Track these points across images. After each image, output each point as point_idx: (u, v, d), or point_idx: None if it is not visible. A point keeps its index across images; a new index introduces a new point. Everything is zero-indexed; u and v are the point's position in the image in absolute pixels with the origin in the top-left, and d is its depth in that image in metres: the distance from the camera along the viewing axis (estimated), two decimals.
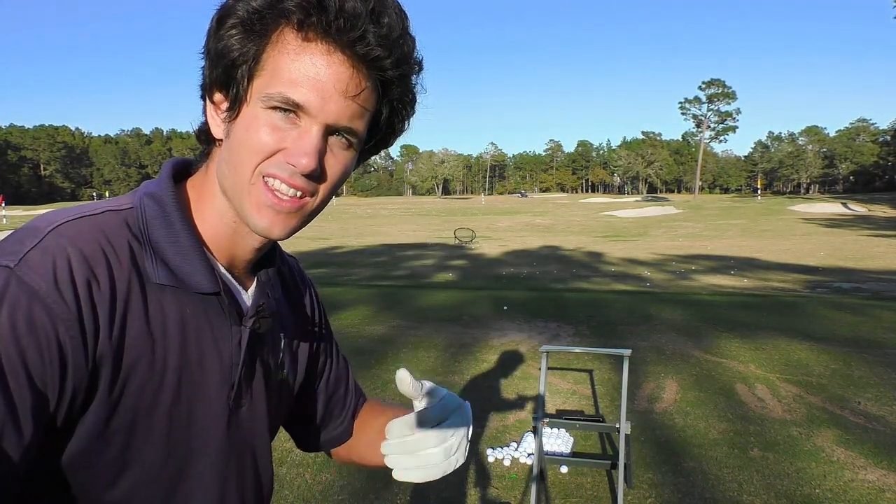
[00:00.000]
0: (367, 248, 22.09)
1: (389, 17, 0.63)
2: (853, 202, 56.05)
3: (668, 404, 4.53)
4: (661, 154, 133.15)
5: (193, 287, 0.68)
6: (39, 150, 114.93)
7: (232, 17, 0.63)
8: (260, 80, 0.63)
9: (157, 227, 0.68)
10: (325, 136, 0.64)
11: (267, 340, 0.79)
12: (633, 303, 8.50)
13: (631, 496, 3.24)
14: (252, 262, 0.77)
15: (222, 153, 0.68)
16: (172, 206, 0.69)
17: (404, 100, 0.70)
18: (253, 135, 0.63)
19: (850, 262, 16.40)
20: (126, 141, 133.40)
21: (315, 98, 0.62)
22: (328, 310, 1.04)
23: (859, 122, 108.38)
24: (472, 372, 5.28)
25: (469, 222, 36.46)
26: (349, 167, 0.69)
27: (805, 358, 5.55)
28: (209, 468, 0.72)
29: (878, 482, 3.35)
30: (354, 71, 0.63)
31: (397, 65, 0.65)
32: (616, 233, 32.02)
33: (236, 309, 0.73)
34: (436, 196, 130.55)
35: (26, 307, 0.56)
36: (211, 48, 0.65)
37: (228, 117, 0.66)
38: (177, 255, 0.67)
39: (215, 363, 0.71)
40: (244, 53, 0.63)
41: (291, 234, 0.68)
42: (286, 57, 0.62)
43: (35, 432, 0.56)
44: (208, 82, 0.67)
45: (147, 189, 0.71)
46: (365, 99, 0.65)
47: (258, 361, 0.76)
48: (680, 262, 16.56)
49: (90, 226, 0.64)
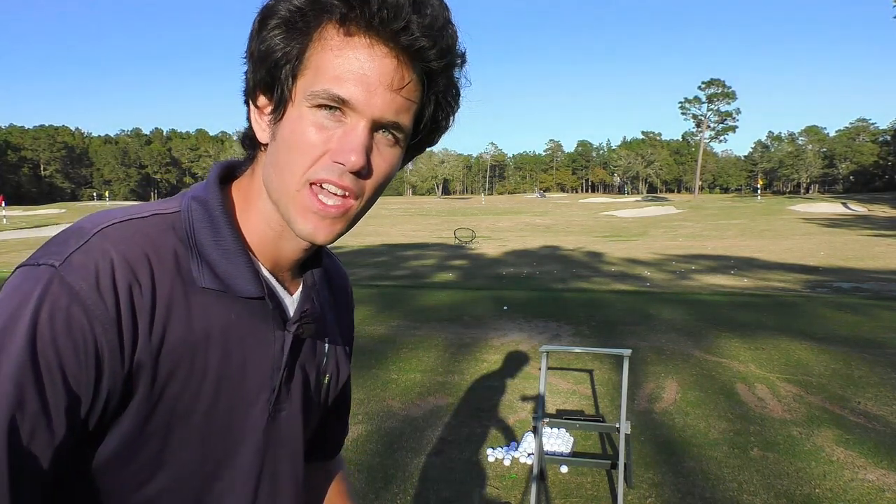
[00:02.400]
0: (368, 248, 22.08)
1: (432, 6, 0.63)
2: (853, 202, 56.02)
3: (668, 404, 4.53)
4: (661, 154, 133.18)
5: (238, 291, 0.68)
6: (39, 150, 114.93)
7: (274, 18, 0.62)
8: (304, 79, 0.63)
9: (203, 232, 0.68)
10: (371, 132, 0.63)
11: (310, 345, 0.78)
12: (633, 303, 8.50)
13: (631, 496, 3.24)
14: (297, 266, 0.77)
15: (268, 156, 0.67)
16: (218, 210, 0.69)
17: (449, 93, 0.69)
18: (299, 135, 0.63)
19: (850, 262, 16.39)
20: (126, 141, 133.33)
21: (360, 92, 0.61)
22: None
23: (859, 122, 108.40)
24: (472, 372, 5.28)
25: (469, 222, 36.46)
26: (396, 165, 0.68)
27: (805, 358, 5.55)
28: (244, 471, 0.72)
29: (877, 482, 3.36)
30: (399, 63, 0.62)
31: (441, 55, 0.64)
32: (616, 233, 32.01)
33: (280, 313, 0.73)
34: (436, 196, 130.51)
35: (66, 308, 0.57)
36: (254, 50, 0.65)
37: (273, 119, 0.66)
38: (222, 259, 0.67)
39: (257, 368, 0.71)
40: (287, 53, 0.62)
41: (336, 239, 0.68)
42: (329, 53, 0.62)
43: (67, 434, 0.57)
44: (252, 86, 0.67)
45: (194, 193, 0.71)
46: (410, 92, 0.64)
47: (300, 367, 0.76)
48: (680, 262, 16.55)
49: (136, 229, 0.64)
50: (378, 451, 3.79)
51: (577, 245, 23.21)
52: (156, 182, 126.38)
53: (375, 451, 3.78)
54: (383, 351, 5.90)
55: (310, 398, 0.80)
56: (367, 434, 4.03)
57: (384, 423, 4.21)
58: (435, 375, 5.21)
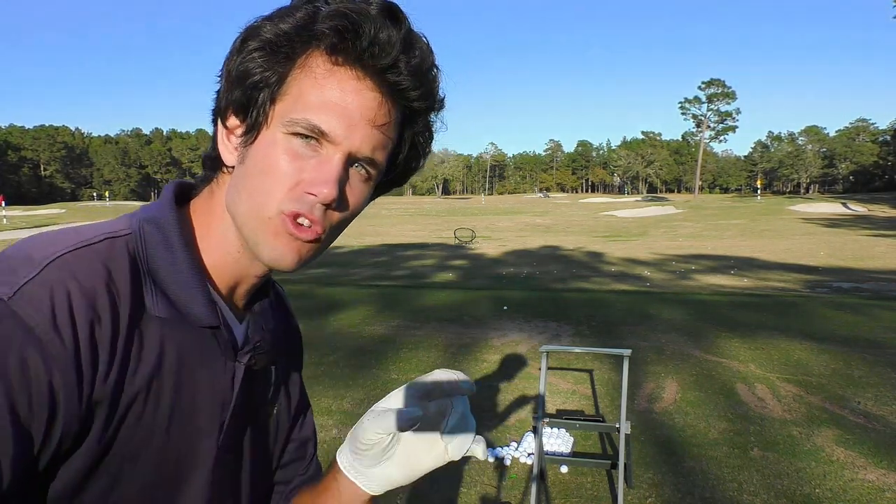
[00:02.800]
0: (368, 248, 22.08)
1: (420, 49, 0.62)
2: (853, 202, 56.02)
3: (668, 404, 4.53)
4: (661, 154, 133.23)
5: (194, 320, 0.65)
6: (39, 150, 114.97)
7: (257, 39, 0.61)
8: (283, 104, 0.61)
9: (158, 256, 0.64)
10: (346, 165, 0.62)
11: (260, 375, 0.75)
12: (633, 303, 8.50)
13: (631, 496, 3.25)
14: (248, 293, 0.74)
15: (234, 178, 0.65)
16: (174, 233, 0.65)
17: (424, 135, 0.69)
18: (272, 162, 0.61)
19: (850, 262, 16.39)
20: (126, 141, 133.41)
21: (340, 125, 0.60)
22: (328, 310, 1.03)
23: (859, 122, 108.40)
24: (472, 372, 5.28)
25: (469, 222, 36.46)
26: (365, 201, 0.67)
27: (805, 358, 5.56)
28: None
29: (877, 482, 3.36)
30: (383, 100, 0.62)
31: (424, 97, 0.64)
32: (616, 233, 32.01)
33: (232, 343, 0.69)
34: (436, 196, 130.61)
35: (19, 345, 0.52)
36: (232, 69, 0.62)
37: (244, 142, 0.63)
38: (178, 286, 0.64)
39: (207, 402, 0.67)
40: (268, 77, 0.61)
41: (302, 266, 0.65)
42: (313, 81, 0.60)
43: (14, 479, 0.53)
44: (224, 105, 0.64)
45: (147, 213, 0.66)
46: (389, 129, 0.64)
47: (249, 398, 0.72)
48: (680, 262, 16.55)
49: (91, 257, 0.59)
50: None
51: (577, 245, 23.20)
52: (156, 182, 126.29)
53: None
54: (383, 351, 5.91)
55: (263, 432, 0.77)
56: None
57: None
58: None
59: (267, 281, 0.77)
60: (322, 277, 12.37)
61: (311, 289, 9.66)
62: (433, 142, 0.71)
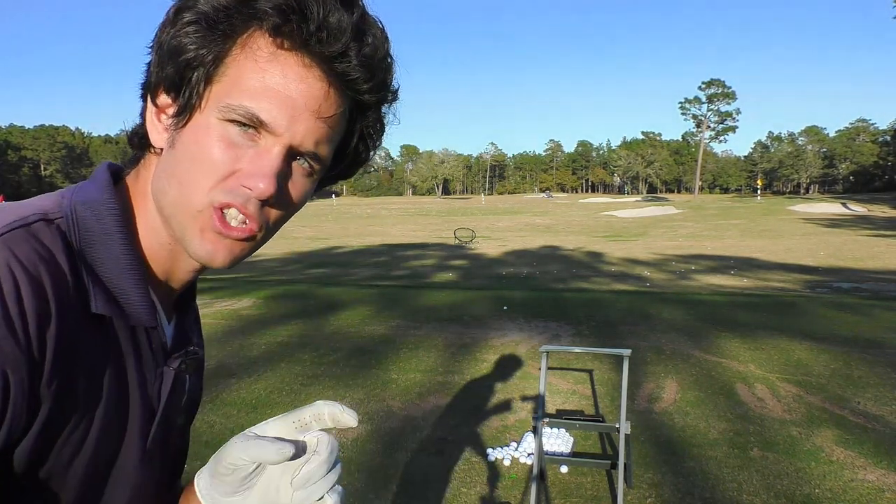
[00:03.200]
0: (368, 248, 22.08)
1: (374, 36, 0.57)
2: (853, 202, 56.01)
3: (668, 404, 4.53)
4: (661, 154, 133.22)
5: (133, 319, 0.59)
6: (39, 150, 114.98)
7: (192, 11, 0.55)
8: (219, 87, 0.55)
9: (96, 246, 0.57)
10: (287, 158, 0.57)
11: (181, 382, 0.69)
12: (633, 303, 8.50)
13: (631, 496, 3.25)
14: (182, 289, 0.68)
15: (163, 164, 0.59)
16: (114, 220, 0.59)
17: (375, 128, 0.64)
18: (205, 149, 0.55)
19: (850, 262, 16.39)
20: (126, 141, 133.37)
21: (282, 116, 0.55)
22: (329, 310, 1.02)
23: (859, 122, 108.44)
24: (472, 372, 5.28)
25: (469, 222, 36.45)
26: (307, 196, 0.62)
27: (805, 358, 5.56)
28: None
29: (877, 482, 3.36)
30: (331, 90, 0.56)
31: (376, 89, 0.59)
32: (616, 233, 32.01)
33: (162, 345, 0.65)
34: (436, 196, 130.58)
35: None
36: (164, 42, 0.56)
37: (175, 124, 0.58)
38: (117, 281, 0.57)
39: (137, 410, 0.61)
40: (203, 55, 0.55)
41: (235, 264, 0.60)
42: (253, 64, 0.55)
43: None
44: (154, 80, 0.58)
45: (82, 196, 0.59)
46: (336, 122, 0.58)
47: (170, 406, 0.67)
48: (680, 262, 16.55)
49: (32, 239, 0.52)
50: (378, 451, 3.79)
51: (577, 245, 23.20)
52: None
53: (375, 451, 3.78)
54: (383, 351, 5.91)
55: (175, 439, 0.73)
56: (367, 434, 4.04)
57: (384, 423, 4.21)
58: (435, 375, 5.21)
59: (195, 279, 0.70)
60: (322, 277, 12.37)
61: (311, 289, 9.67)
62: (385, 134, 0.66)
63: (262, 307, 8.01)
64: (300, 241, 23.75)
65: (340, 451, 0.61)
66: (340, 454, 0.60)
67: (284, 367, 5.44)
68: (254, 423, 0.60)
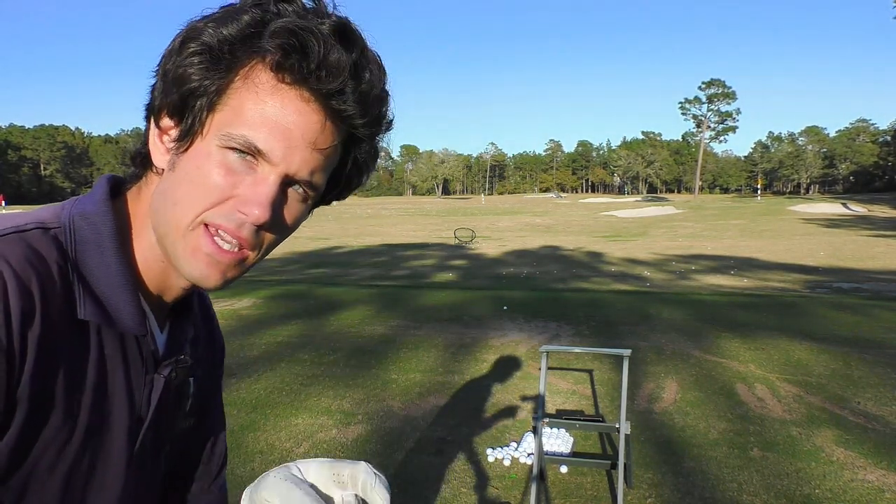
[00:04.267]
0: (367, 248, 22.07)
1: (371, 72, 0.60)
2: (853, 202, 55.98)
3: (668, 404, 4.53)
4: (661, 154, 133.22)
5: (122, 327, 0.61)
6: (39, 150, 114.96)
7: (197, 42, 0.57)
8: (221, 115, 0.58)
9: (89, 256, 0.60)
10: (282, 185, 0.60)
11: (176, 388, 0.71)
12: (633, 303, 8.50)
13: (631, 496, 3.25)
14: (175, 301, 0.70)
15: (163, 184, 0.61)
16: (108, 232, 0.61)
17: (369, 156, 0.67)
18: (204, 174, 0.58)
19: (850, 262, 16.39)
20: (126, 141, 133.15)
21: (279, 146, 0.57)
22: (328, 310, 1.02)
23: (859, 122, 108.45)
24: (472, 372, 5.28)
25: (469, 222, 36.45)
26: (300, 220, 0.65)
27: (805, 358, 5.56)
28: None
29: (877, 482, 3.36)
30: (327, 123, 0.59)
31: (371, 124, 0.62)
32: (616, 233, 32.00)
33: (153, 353, 0.66)
34: (436, 196, 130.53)
35: None
36: (169, 70, 0.58)
37: (177, 148, 0.60)
38: (108, 290, 0.60)
39: (124, 417, 0.63)
40: (206, 85, 0.57)
41: (228, 285, 0.63)
42: (254, 96, 0.57)
43: None
44: (157, 104, 0.60)
45: (80, 208, 0.62)
46: (331, 153, 0.61)
47: (164, 412, 0.68)
48: (680, 262, 16.55)
49: (23, 244, 0.55)
50: (378, 451, 3.79)
51: (577, 245, 23.20)
52: None
53: (375, 451, 3.78)
54: (383, 351, 5.91)
55: (174, 445, 0.74)
56: (367, 434, 4.04)
57: (384, 423, 4.21)
58: (435, 375, 5.21)
59: (189, 294, 0.73)
60: (322, 277, 12.37)
61: (311, 289, 9.67)
62: (377, 160, 0.69)
63: (262, 307, 8.01)
64: (300, 241, 23.75)
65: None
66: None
67: (284, 367, 5.44)
68: (254, 423, 0.60)
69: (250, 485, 0.60)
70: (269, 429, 4.08)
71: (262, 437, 3.93)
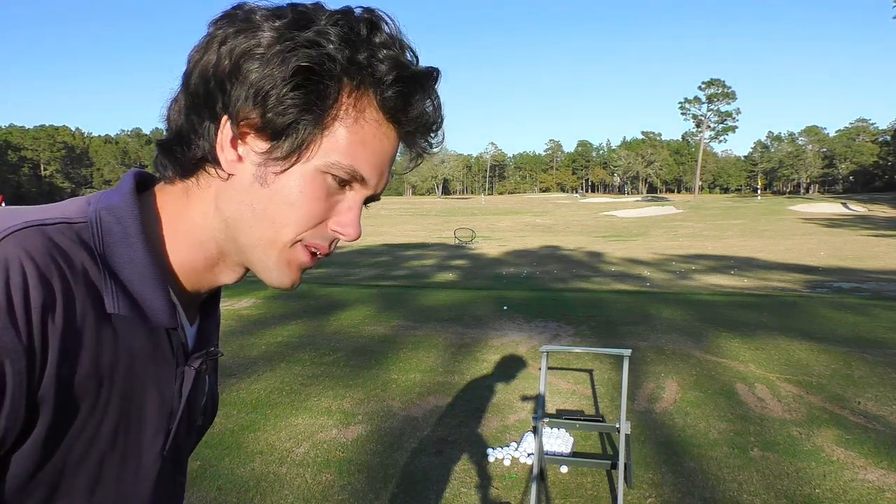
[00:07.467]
0: (368, 249, 22.07)
1: (441, 113, 0.66)
2: (853, 202, 56.03)
3: (668, 404, 4.53)
4: (661, 154, 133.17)
5: (152, 320, 0.61)
6: (39, 150, 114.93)
7: (301, 54, 0.56)
8: (326, 142, 0.60)
9: (117, 249, 0.59)
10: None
11: (200, 381, 0.72)
12: (633, 303, 8.50)
13: (631, 496, 3.24)
14: (206, 297, 0.72)
15: (251, 198, 0.61)
16: (135, 226, 0.61)
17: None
18: (307, 200, 0.61)
19: (850, 262, 16.39)
20: (126, 141, 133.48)
21: (375, 173, 0.64)
22: (329, 310, 1.03)
23: (859, 122, 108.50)
24: (472, 372, 5.28)
25: (469, 222, 36.45)
26: None
27: (805, 358, 5.55)
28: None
29: (877, 482, 3.36)
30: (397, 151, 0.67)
31: (429, 148, 0.70)
32: (616, 233, 32.00)
33: (183, 346, 0.67)
34: (436, 196, 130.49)
35: None
36: (265, 83, 0.57)
37: (276, 168, 0.60)
38: (138, 283, 0.60)
39: (155, 408, 0.63)
40: (315, 110, 0.59)
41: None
42: (359, 128, 0.61)
43: None
44: (242, 114, 0.59)
45: (105, 202, 0.62)
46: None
47: (189, 406, 0.69)
48: (680, 262, 16.56)
49: (47, 237, 0.54)
50: (378, 451, 3.79)
51: (577, 245, 23.20)
52: None
53: (375, 451, 3.78)
54: (383, 351, 5.91)
55: (191, 439, 0.75)
56: (367, 434, 4.03)
57: (384, 423, 4.21)
58: (435, 375, 5.21)
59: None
60: (322, 277, 12.36)
61: (312, 289, 9.66)
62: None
63: (262, 307, 8.01)
64: None
65: None
66: None
67: (284, 367, 5.44)
68: (254, 423, 0.61)
69: None
70: (269, 429, 4.07)
71: (262, 437, 3.93)
